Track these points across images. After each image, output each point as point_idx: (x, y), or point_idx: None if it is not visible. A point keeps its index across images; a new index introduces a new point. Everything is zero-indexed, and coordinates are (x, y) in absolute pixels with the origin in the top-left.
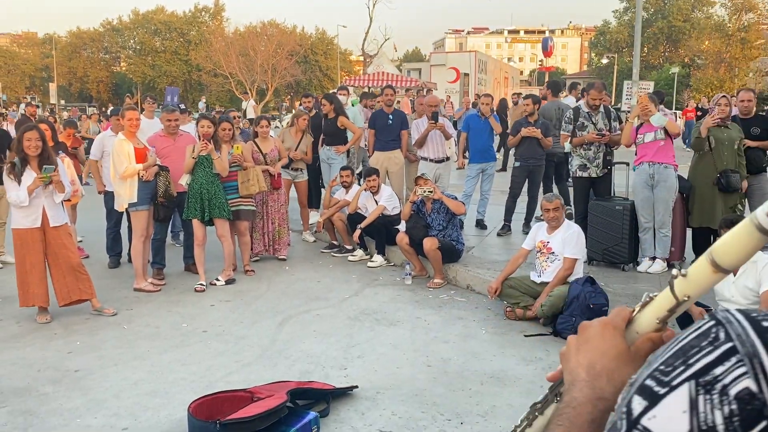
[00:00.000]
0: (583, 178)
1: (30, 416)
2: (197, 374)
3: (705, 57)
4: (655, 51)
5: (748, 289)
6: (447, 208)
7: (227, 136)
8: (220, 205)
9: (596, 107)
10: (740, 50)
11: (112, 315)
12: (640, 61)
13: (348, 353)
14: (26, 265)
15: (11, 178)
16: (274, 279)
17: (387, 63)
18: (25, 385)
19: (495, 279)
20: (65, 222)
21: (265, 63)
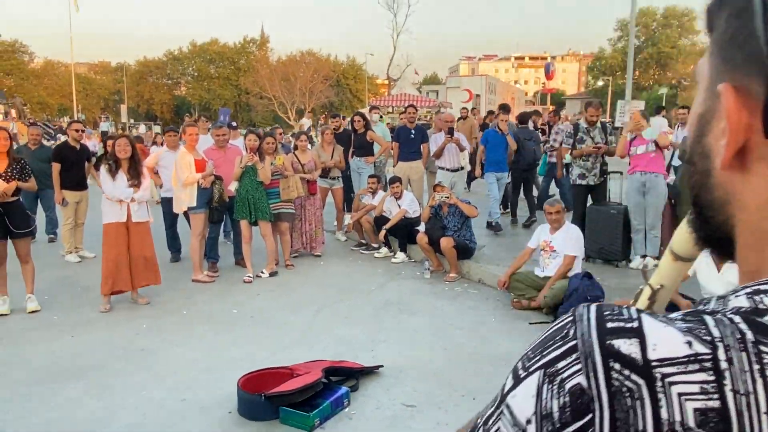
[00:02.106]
0: (581, 186)
1: (104, 388)
2: (245, 354)
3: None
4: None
5: (731, 284)
6: (461, 211)
7: (271, 149)
8: (263, 208)
9: (594, 123)
10: None
11: (145, 304)
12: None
13: (375, 338)
14: (112, 256)
15: (109, 175)
16: (311, 273)
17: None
18: (99, 362)
19: (503, 273)
20: (146, 220)
21: (303, 87)
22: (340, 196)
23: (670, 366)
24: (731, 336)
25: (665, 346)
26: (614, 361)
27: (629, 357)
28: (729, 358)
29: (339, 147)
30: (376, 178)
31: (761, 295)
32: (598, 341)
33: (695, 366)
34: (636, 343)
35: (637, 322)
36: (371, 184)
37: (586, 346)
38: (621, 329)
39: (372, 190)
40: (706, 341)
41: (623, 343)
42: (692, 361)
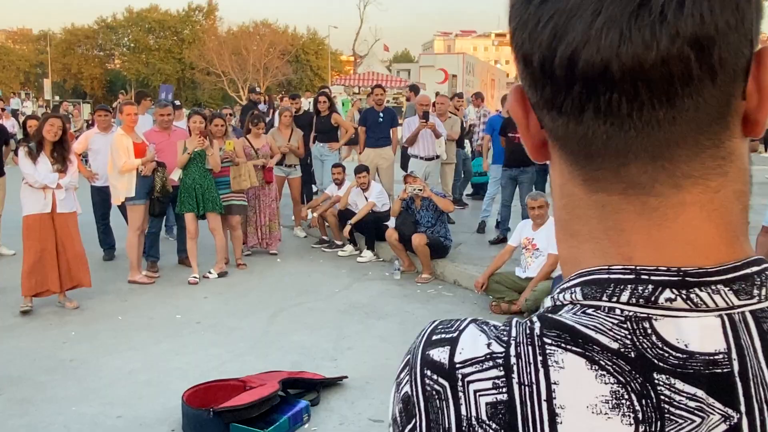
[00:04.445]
0: None
1: (26, 404)
2: (191, 364)
3: None
4: None
5: None
6: (436, 205)
7: (220, 132)
8: (213, 199)
9: None
10: None
11: (74, 308)
12: None
13: (338, 345)
14: (34, 252)
15: (29, 159)
16: (266, 273)
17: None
18: (21, 374)
19: (481, 274)
20: (74, 210)
21: (257, 62)
22: (298, 187)
23: (470, 366)
24: (522, 333)
25: (469, 349)
26: (427, 369)
27: (439, 363)
28: (518, 353)
29: (298, 131)
30: (341, 167)
31: (562, 293)
32: (420, 353)
33: (489, 363)
34: (447, 349)
35: (457, 332)
36: (336, 174)
37: (413, 358)
38: (440, 340)
39: (338, 181)
40: (503, 341)
41: (436, 352)
42: (488, 359)
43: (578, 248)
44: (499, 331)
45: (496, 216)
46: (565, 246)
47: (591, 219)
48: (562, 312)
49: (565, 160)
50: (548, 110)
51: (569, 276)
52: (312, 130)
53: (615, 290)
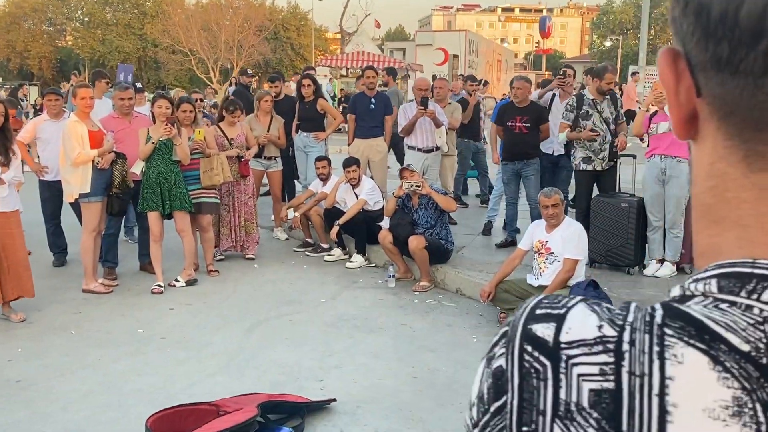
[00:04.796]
0: (587, 172)
1: None
2: (155, 385)
3: None
4: (663, 33)
5: None
6: (435, 203)
7: (188, 119)
8: (181, 196)
9: (605, 93)
10: None
11: (20, 321)
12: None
13: (324, 363)
14: None
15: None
16: (241, 280)
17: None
18: None
19: (488, 282)
20: (16, 208)
21: (230, 39)
22: (279, 182)
23: (577, 348)
24: (641, 319)
25: (578, 329)
26: (528, 344)
27: (542, 339)
28: (632, 340)
29: (279, 118)
30: (326, 160)
31: (694, 283)
32: (521, 326)
33: (599, 347)
34: (552, 326)
35: (565, 309)
36: (321, 169)
37: (512, 331)
38: (545, 315)
39: (323, 177)
40: (618, 325)
41: (540, 327)
42: (598, 342)
43: (721, 236)
44: (614, 313)
45: (503, 216)
46: (705, 235)
47: (743, 203)
48: (690, 303)
49: (723, 133)
50: (717, 71)
51: (706, 267)
52: (295, 118)
53: (757, 286)
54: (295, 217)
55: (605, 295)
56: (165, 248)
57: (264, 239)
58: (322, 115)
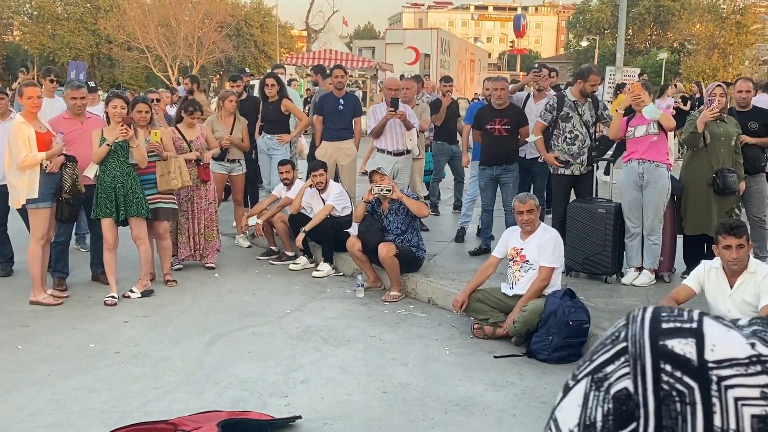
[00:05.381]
0: (564, 176)
1: None
2: (108, 403)
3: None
4: (641, 34)
5: (746, 302)
6: (407, 209)
7: (144, 120)
8: (138, 201)
9: (588, 96)
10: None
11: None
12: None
13: (289, 378)
14: None
15: None
16: (201, 291)
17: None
18: None
19: (461, 291)
20: None
21: (189, 36)
22: (241, 186)
23: (729, 368)
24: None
25: (725, 347)
26: (665, 363)
27: (683, 358)
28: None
29: (242, 119)
30: (289, 164)
31: None
32: (649, 342)
33: (757, 368)
34: (692, 343)
35: (697, 323)
36: (285, 173)
37: (636, 347)
38: (677, 330)
39: (287, 181)
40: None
41: (678, 343)
42: (754, 362)
43: None
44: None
45: (477, 222)
46: None
47: None
48: None
49: None
50: None
51: None
52: (258, 119)
53: None
54: (258, 224)
55: (582, 305)
56: (119, 257)
57: (225, 247)
58: (287, 117)
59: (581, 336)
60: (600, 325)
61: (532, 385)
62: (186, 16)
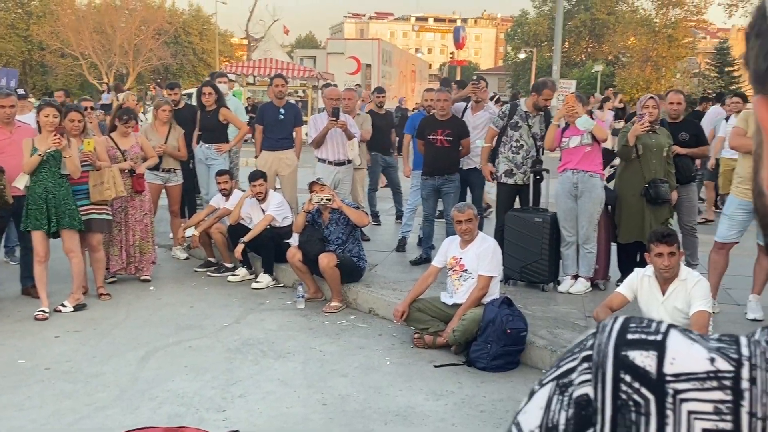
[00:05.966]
0: (508, 185)
1: None
2: (38, 421)
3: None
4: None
5: (677, 309)
6: (347, 219)
7: (76, 129)
8: (70, 213)
9: (540, 109)
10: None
11: None
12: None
13: (227, 392)
14: None
15: None
16: (136, 304)
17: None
18: None
19: (401, 301)
20: None
21: (125, 43)
22: (178, 197)
23: (686, 382)
24: (761, 356)
25: (685, 360)
26: (625, 373)
27: (642, 369)
28: (752, 378)
29: (178, 128)
30: (227, 174)
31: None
32: (613, 352)
33: (713, 383)
34: (653, 355)
35: (662, 335)
36: (223, 183)
37: (599, 356)
38: (641, 341)
39: (225, 192)
40: (732, 359)
41: (639, 355)
42: (711, 378)
43: None
44: (723, 347)
45: (418, 232)
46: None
47: None
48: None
49: None
50: None
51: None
52: (195, 128)
53: None
54: (195, 235)
55: (519, 313)
56: (51, 270)
57: (161, 259)
58: (225, 126)
59: (519, 344)
60: (537, 333)
61: (471, 393)
62: (122, 23)
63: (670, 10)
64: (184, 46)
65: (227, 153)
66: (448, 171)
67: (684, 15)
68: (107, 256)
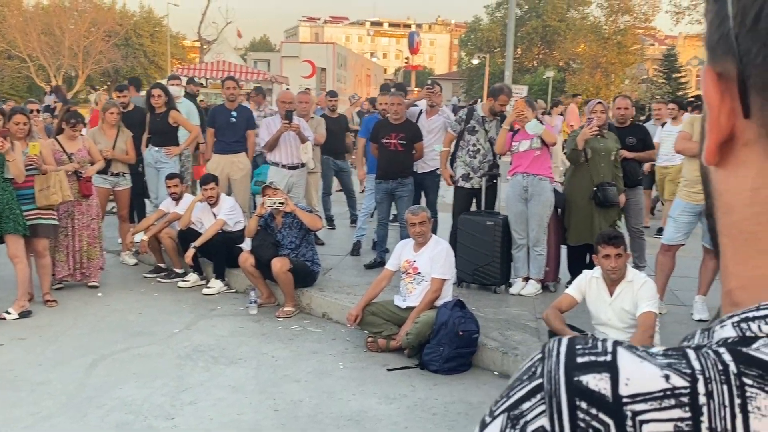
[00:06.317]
0: (464, 189)
1: None
2: None
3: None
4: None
5: (624, 310)
6: (300, 222)
7: (21, 132)
8: (15, 217)
9: (496, 114)
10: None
11: None
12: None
13: (177, 399)
14: None
15: None
16: (83, 311)
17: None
18: None
19: (355, 305)
20: None
21: (75, 45)
22: (126, 201)
23: (643, 402)
24: (713, 368)
25: (639, 380)
26: (581, 400)
27: (598, 394)
28: (709, 392)
29: (126, 131)
30: (177, 177)
31: (749, 322)
32: (564, 378)
33: (671, 401)
34: (606, 378)
35: (611, 355)
36: (173, 187)
37: (551, 384)
38: (592, 363)
39: (176, 196)
40: (685, 374)
41: (592, 379)
42: (668, 396)
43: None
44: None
45: (373, 235)
46: (750, 267)
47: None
48: (758, 346)
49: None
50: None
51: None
52: (145, 131)
53: None
54: (143, 241)
55: (471, 315)
56: None
57: (110, 265)
58: (175, 129)
59: (471, 346)
60: (489, 335)
61: (423, 396)
62: (71, 24)
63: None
64: (135, 49)
65: (178, 156)
66: (401, 174)
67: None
68: (53, 262)
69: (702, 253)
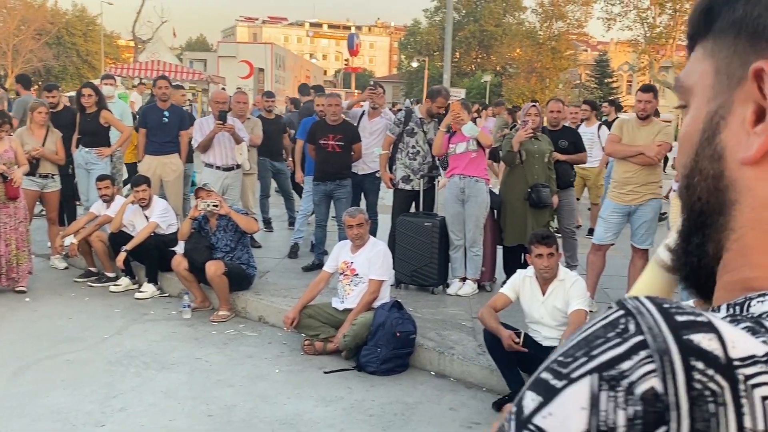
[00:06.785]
0: (404, 191)
1: None
2: None
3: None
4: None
5: (557, 309)
6: (236, 225)
7: None
8: None
9: (434, 116)
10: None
11: None
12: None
13: (107, 406)
14: None
15: None
16: (10, 317)
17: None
18: None
19: (292, 308)
20: None
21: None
22: (56, 203)
23: (753, 366)
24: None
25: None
26: (696, 360)
27: (712, 354)
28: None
29: (55, 131)
30: (108, 179)
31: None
32: (673, 336)
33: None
34: (715, 338)
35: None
36: (104, 189)
37: (658, 341)
38: (694, 323)
39: (107, 198)
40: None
41: (703, 339)
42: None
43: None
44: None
45: (311, 237)
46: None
47: None
48: None
49: None
50: None
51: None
52: (75, 132)
53: None
54: (73, 244)
55: (409, 316)
56: None
57: (38, 269)
58: (107, 129)
59: (408, 347)
60: (426, 335)
61: (360, 398)
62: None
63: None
64: (68, 47)
65: (109, 157)
66: (339, 176)
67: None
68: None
69: (631, 252)
